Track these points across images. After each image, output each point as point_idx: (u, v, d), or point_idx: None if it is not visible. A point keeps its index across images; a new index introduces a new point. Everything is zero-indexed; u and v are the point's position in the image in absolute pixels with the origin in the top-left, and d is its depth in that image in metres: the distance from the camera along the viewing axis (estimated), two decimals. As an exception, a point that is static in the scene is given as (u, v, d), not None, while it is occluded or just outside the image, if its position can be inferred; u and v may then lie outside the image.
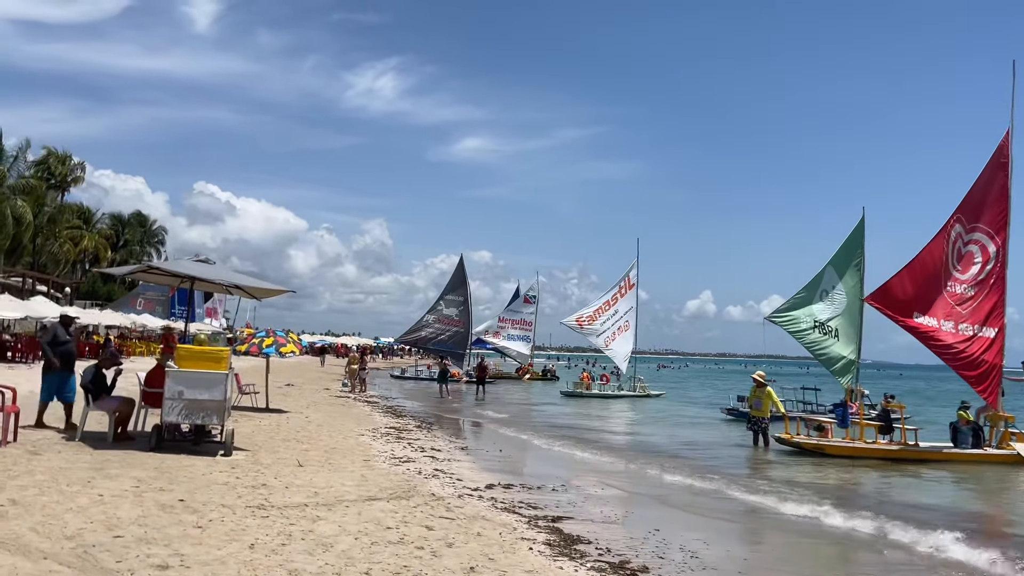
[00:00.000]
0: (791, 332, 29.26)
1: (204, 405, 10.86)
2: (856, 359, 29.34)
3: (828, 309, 29.64)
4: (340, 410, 21.76)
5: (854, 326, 29.55)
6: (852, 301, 29.65)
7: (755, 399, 18.86)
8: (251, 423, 15.79)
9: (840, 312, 29.66)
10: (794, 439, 18.36)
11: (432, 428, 18.60)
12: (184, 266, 11.78)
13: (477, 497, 9.74)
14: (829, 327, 29.57)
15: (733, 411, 27.09)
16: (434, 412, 25.38)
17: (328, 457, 12.02)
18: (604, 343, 42.81)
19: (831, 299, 29.70)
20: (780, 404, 19.60)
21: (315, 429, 15.96)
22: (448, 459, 13.18)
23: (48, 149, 62.25)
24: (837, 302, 29.84)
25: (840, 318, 29.59)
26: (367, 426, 17.70)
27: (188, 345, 11.38)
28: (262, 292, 12.60)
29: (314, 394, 27.36)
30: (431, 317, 51.81)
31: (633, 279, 44.08)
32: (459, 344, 51.56)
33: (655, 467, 14.70)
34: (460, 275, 52.17)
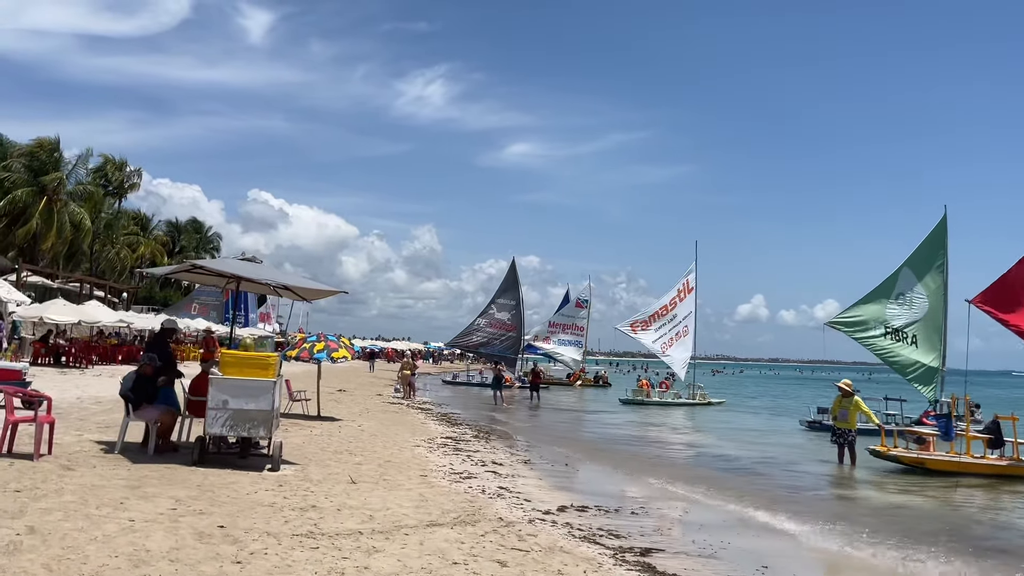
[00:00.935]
0: (857, 339, 27.48)
1: (250, 416, 9.99)
2: (940, 367, 27.50)
3: (905, 314, 27.77)
4: (393, 417, 20.88)
5: (937, 332, 27.63)
6: (935, 305, 27.74)
7: (841, 409, 17.29)
8: (302, 432, 14.95)
9: (920, 317, 27.75)
10: (891, 452, 16.78)
11: (490, 438, 17.56)
12: (230, 265, 10.94)
13: (551, 523, 8.64)
14: (905, 333, 27.69)
15: (815, 423, 25.17)
16: (490, 420, 24.34)
17: (383, 472, 11.06)
18: (660, 349, 41.33)
19: (909, 303, 27.81)
20: (872, 414, 18.02)
21: (368, 439, 15.05)
22: (511, 474, 12.11)
23: (105, 156, 63.12)
24: (916, 306, 27.93)
25: (920, 324, 27.68)
26: (422, 436, 16.75)
27: (234, 351, 10.51)
28: (312, 293, 11.73)
29: (366, 400, 26.58)
30: (482, 321, 51.00)
31: (692, 283, 42.55)
32: (511, 349, 50.62)
33: (740, 486, 13.44)
34: (512, 279, 51.26)
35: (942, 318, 27.64)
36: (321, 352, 18.00)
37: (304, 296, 11.95)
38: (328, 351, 18.02)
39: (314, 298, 12.31)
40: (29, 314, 28.38)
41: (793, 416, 34.08)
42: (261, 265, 11.33)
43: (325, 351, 18.01)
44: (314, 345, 18.21)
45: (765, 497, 12.28)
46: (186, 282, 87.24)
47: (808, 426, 25.36)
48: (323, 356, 17.96)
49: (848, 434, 17.07)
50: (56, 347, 29.14)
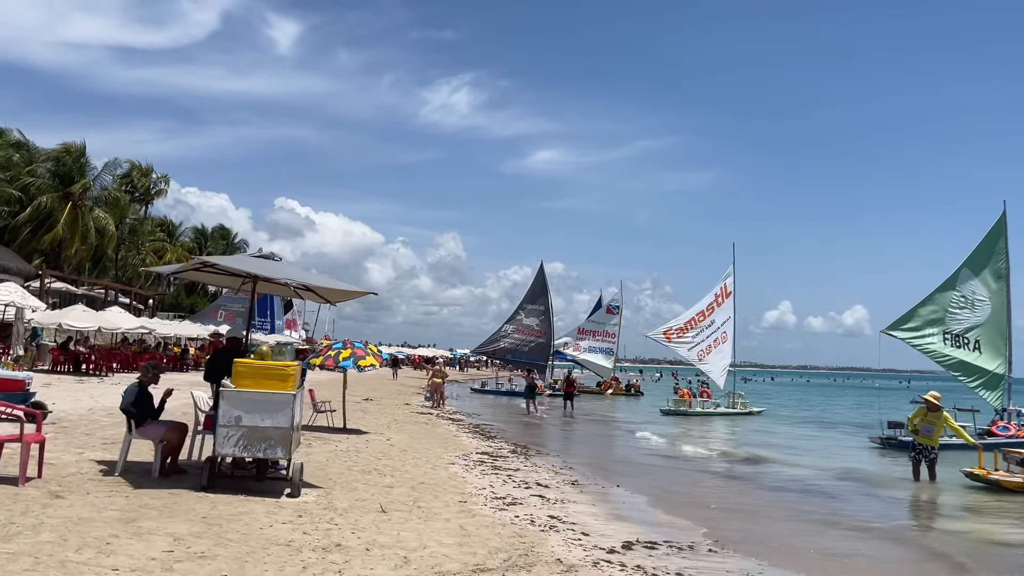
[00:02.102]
0: (915, 346, 25.72)
1: (266, 434, 8.73)
2: (1006, 373, 25.72)
3: (967, 318, 25.95)
4: (424, 430, 19.60)
5: (1002, 335, 25.84)
6: (998, 307, 25.94)
7: (925, 424, 15.58)
8: (326, 448, 13.70)
9: (982, 321, 25.93)
10: (992, 476, 14.90)
11: (529, 454, 16.19)
12: (245, 263, 9.72)
13: (619, 566, 7.25)
14: (967, 338, 25.87)
15: (890, 440, 23.15)
16: (525, 433, 22.98)
17: (417, 497, 9.74)
18: (697, 356, 39.66)
19: (970, 306, 25.99)
20: (964, 432, 16.35)
21: (398, 455, 13.77)
22: (561, 499, 10.73)
23: (132, 162, 62.75)
24: (978, 309, 26.10)
25: (983, 328, 25.86)
26: (456, 451, 15.44)
27: (248, 359, 9.26)
28: (336, 294, 10.48)
29: (394, 410, 25.35)
30: (510, 327, 49.68)
31: (730, 287, 40.90)
32: (539, 355, 49.21)
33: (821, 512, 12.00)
34: (541, 284, 49.91)
35: (1006, 321, 25.90)
36: (347, 360, 16.76)
37: (328, 298, 10.71)
38: (355, 358, 16.78)
39: (338, 300, 11.06)
40: (48, 320, 27.50)
41: (843, 428, 32.49)
42: (281, 263, 10.05)
43: (351, 359, 16.77)
44: (340, 352, 16.98)
45: (855, 526, 10.82)
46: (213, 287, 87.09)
47: (882, 443, 23.46)
48: (349, 364, 16.72)
49: (930, 451, 15.42)
50: (75, 354, 28.24)
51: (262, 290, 11.10)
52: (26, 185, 44.61)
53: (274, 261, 10.02)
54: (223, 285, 12.70)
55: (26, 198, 44.52)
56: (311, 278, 10.11)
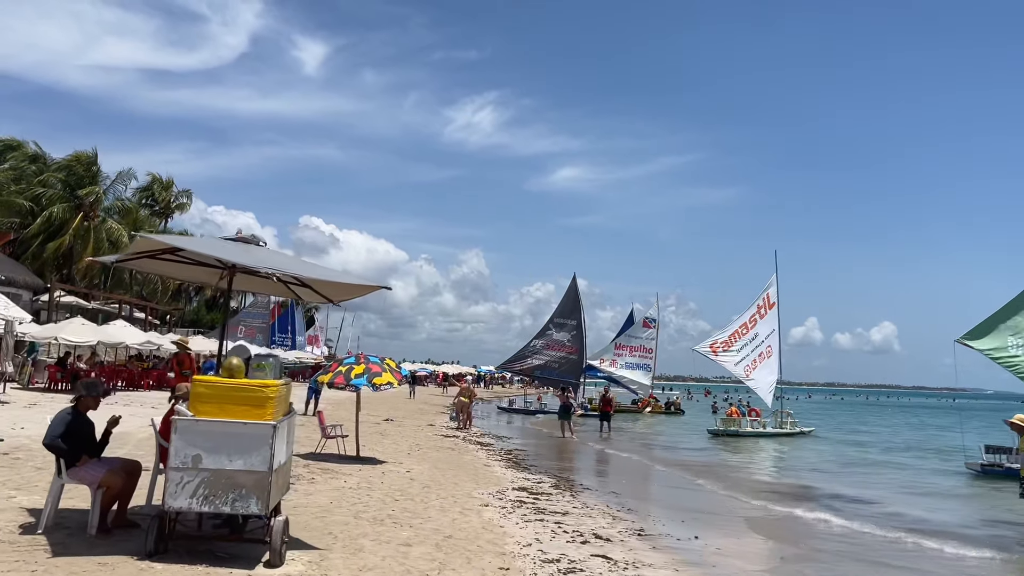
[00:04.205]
0: (995, 359, 22.77)
1: (235, 480, 6.31)
2: (1104, 392, 22.70)
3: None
4: (450, 457, 17.11)
5: (1099, 349, 22.92)
6: (1093, 318, 23.04)
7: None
8: (332, 485, 11.27)
9: (1075, 332, 23.07)
10: None
11: (575, 489, 13.63)
12: (216, 247, 7.32)
13: None
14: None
15: (992, 467, 20.32)
16: (564, 460, 20.44)
17: (443, 561, 7.26)
18: (744, 372, 36.82)
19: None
20: None
21: (420, 494, 11.29)
22: (632, 561, 8.18)
23: (152, 175, 61.39)
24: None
25: (1076, 339, 23.00)
26: (489, 485, 12.93)
27: (210, 376, 6.86)
28: (337, 289, 8.06)
29: (416, 432, 22.89)
30: (539, 343, 47.07)
31: (773, 297, 38.06)
32: (571, 372, 46.53)
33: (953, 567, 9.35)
34: (573, 297, 47.29)
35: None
36: (360, 377, 14.33)
37: (328, 295, 8.28)
38: (369, 375, 14.34)
39: (342, 297, 8.63)
40: (44, 334, 25.41)
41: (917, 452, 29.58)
42: (265, 250, 7.66)
43: (365, 376, 14.33)
44: (352, 368, 14.55)
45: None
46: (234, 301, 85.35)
47: (981, 470, 20.60)
48: (363, 382, 14.29)
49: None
50: (74, 370, 26.13)
51: (243, 286, 8.72)
52: (37, 196, 42.96)
53: (257, 247, 7.63)
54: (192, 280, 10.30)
55: (37, 208, 42.88)
56: (303, 268, 7.68)
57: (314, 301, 9.12)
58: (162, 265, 7.82)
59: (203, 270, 7.94)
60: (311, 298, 8.97)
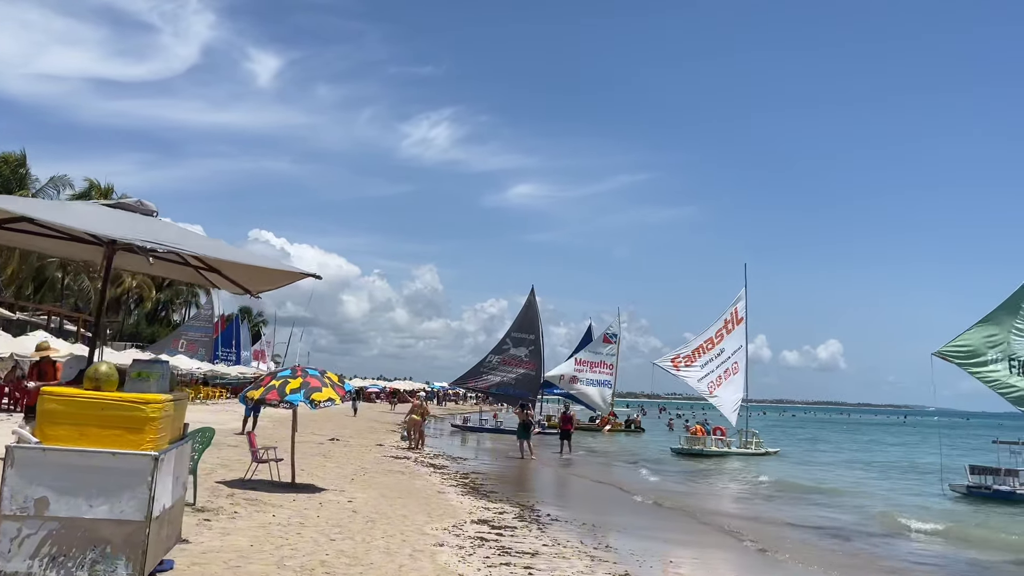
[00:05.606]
0: (973, 373, 21.84)
1: (96, 534, 4.58)
2: (1084, 409, 21.93)
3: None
4: (399, 483, 15.33)
5: (1081, 365, 22.16)
6: (1075, 331, 22.30)
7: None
8: (256, 521, 9.44)
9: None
10: None
11: (543, 522, 11.96)
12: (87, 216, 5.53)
13: None
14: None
15: (978, 489, 19.28)
16: (527, 484, 18.81)
17: (385, 631, 5.56)
18: (707, 388, 35.63)
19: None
20: None
21: (362, 529, 9.54)
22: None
23: (91, 181, 58.30)
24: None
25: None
26: (444, 518, 11.20)
27: (66, 388, 5.09)
28: (254, 276, 6.35)
29: (363, 453, 21.02)
30: (496, 358, 45.36)
31: (741, 312, 37.05)
32: (528, 388, 44.91)
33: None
34: (531, 311, 45.73)
35: (1086, 349, 22.19)
36: (296, 393, 12.50)
37: (243, 284, 6.55)
38: (307, 391, 12.53)
39: (262, 287, 6.89)
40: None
41: (894, 471, 28.68)
42: (158, 221, 5.91)
43: (302, 391, 12.52)
44: (287, 383, 12.71)
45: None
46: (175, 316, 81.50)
47: (967, 492, 19.54)
48: (299, 398, 12.47)
49: None
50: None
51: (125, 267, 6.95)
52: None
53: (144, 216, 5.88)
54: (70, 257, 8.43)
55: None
56: (209, 248, 5.93)
57: (229, 290, 7.36)
58: (29, 239, 6.02)
59: (83, 246, 6.13)
60: (226, 286, 7.24)
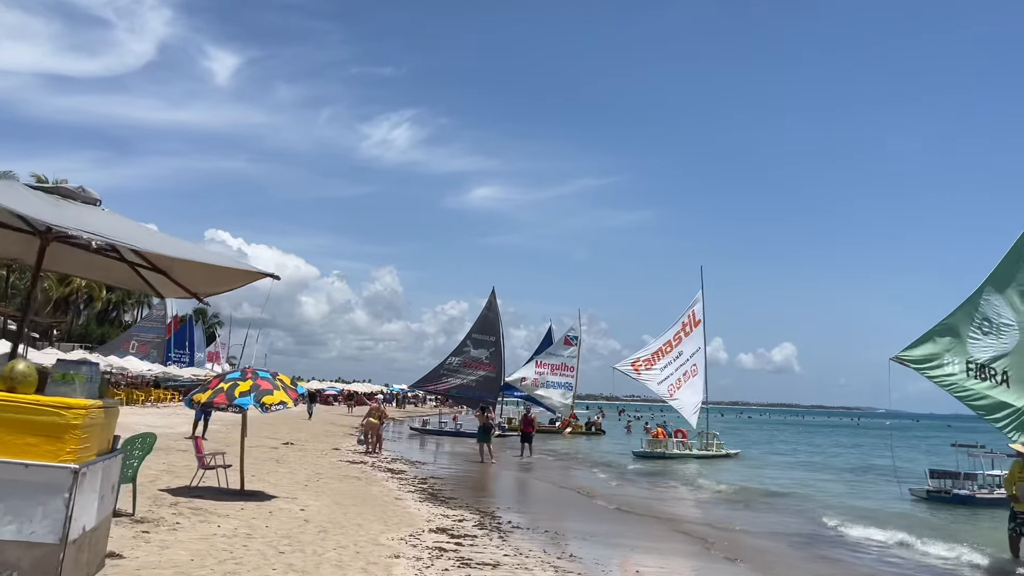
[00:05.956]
0: (931, 377, 21.95)
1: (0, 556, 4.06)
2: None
3: (992, 345, 22.33)
4: (355, 488, 14.81)
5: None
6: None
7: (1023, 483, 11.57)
8: (200, 532, 8.89)
9: (1010, 349, 22.36)
10: None
11: (504, 530, 11.56)
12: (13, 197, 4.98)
13: None
14: (994, 369, 22.22)
15: (939, 493, 19.34)
16: (487, 489, 18.41)
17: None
18: (668, 391, 35.60)
19: (996, 331, 22.45)
20: None
21: (313, 540, 9.04)
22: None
23: (37, 176, 56.45)
24: (1005, 336, 22.59)
25: (1011, 357, 22.23)
26: (401, 527, 10.74)
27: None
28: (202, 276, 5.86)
29: (318, 458, 20.42)
30: (456, 360, 44.90)
31: (699, 314, 37.12)
32: (488, 390, 44.53)
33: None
34: (491, 313, 45.36)
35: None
36: (246, 396, 11.93)
37: (190, 287, 6.05)
38: (257, 394, 11.97)
39: (211, 290, 6.38)
40: None
41: (851, 473, 28.89)
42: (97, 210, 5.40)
43: (252, 394, 11.95)
44: (236, 385, 12.14)
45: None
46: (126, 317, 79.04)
47: (927, 496, 19.62)
48: (249, 402, 11.90)
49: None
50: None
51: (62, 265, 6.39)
52: None
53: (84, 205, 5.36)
54: None
55: None
56: (154, 242, 5.43)
57: (176, 295, 6.84)
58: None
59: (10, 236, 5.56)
60: (172, 292, 6.72)
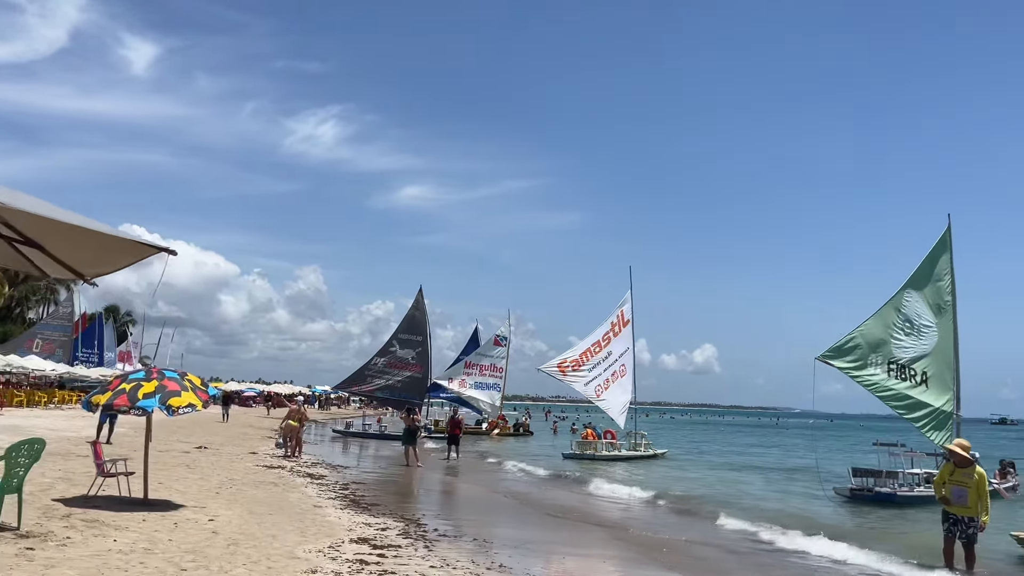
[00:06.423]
0: (854, 377, 22.28)
1: None
2: (954, 411, 22.74)
3: (912, 346, 22.79)
4: (271, 496, 13.89)
5: (949, 367, 22.86)
6: (945, 337, 23.04)
7: (957, 485, 11.27)
8: (93, 548, 7.97)
9: (929, 350, 22.93)
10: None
11: (430, 538, 10.89)
12: None
13: None
14: (914, 370, 22.74)
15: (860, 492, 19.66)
16: (412, 495, 17.71)
17: None
18: (595, 392, 35.41)
19: (916, 332, 22.94)
20: (988, 500, 11.83)
21: (221, 555, 8.22)
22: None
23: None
24: (925, 337, 23.11)
25: (930, 358, 22.78)
26: (320, 538, 9.96)
27: None
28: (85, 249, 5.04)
29: (233, 463, 19.33)
30: (382, 361, 43.85)
31: (628, 314, 37.10)
32: (415, 392, 43.64)
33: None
34: (419, 312, 44.46)
35: (953, 351, 23.05)
36: (151, 397, 10.94)
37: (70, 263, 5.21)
38: (163, 395, 11.00)
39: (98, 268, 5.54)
40: None
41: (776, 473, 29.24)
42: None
43: (157, 395, 10.97)
44: (139, 386, 11.13)
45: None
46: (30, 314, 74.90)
47: (851, 494, 19.86)
48: (154, 403, 10.92)
49: (970, 524, 11.19)
50: None
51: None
52: None
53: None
54: None
55: None
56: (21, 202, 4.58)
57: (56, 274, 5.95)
58: None
59: None
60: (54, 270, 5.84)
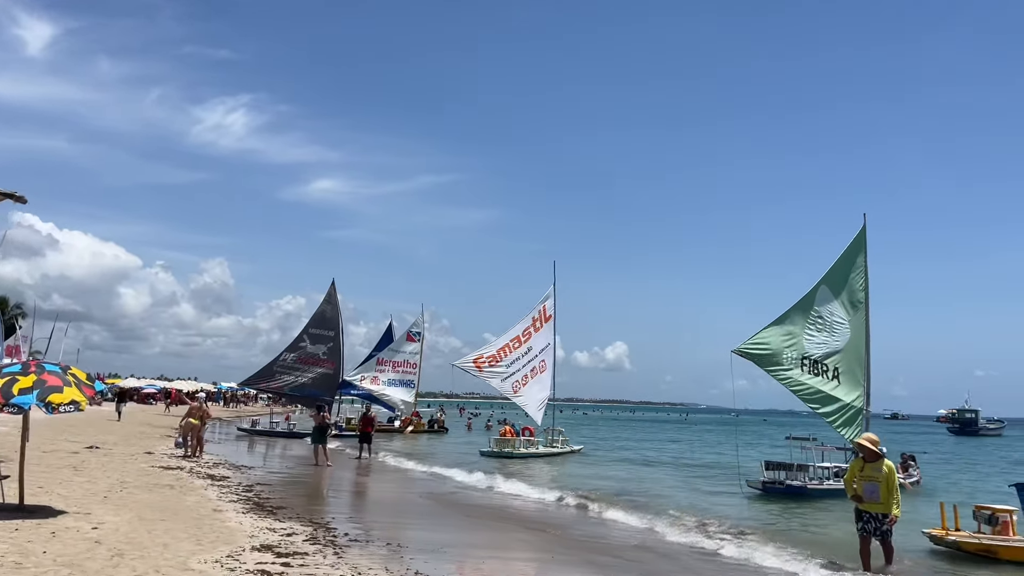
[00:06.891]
0: (769, 371, 22.52)
1: None
2: (864, 407, 23.27)
3: (825, 342, 23.19)
4: (166, 500, 12.81)
5: (860, 364, 23.38)
6: (857, 332, 23.56)
7: (867, 481, 11.02)
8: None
9: (841, 347, 23.39)
10: (951, 537, 11.61)
11: (340, 543, 10.13)
12: None
13: None
14: (826, 365, 23.14)
15: (772, 485, 19.93)
16: (321, 496, 16.81)
17: None
18: (512, 388, 35.03)
19: (829, 329, 23.40)
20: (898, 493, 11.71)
21: (102, 569, 7.32)
22: None
23: None
24: (837, 333, 23.54)
25: (842, 355, 23.26)
26: (218, 547, 9.08)
27: None
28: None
29: (126, 463, 18.00)
30: (291, 356, 42.29)
31: (550, 310, 36.82)
32: (325, 388, 42.29)
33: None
34: (331, 306, 43.08)
35: (864, 348, 23.60)
36: (28, 393, 9.80)
37: None
38: (42, 391, 9.86)
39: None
40: None
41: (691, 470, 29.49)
42: None
43: (35, 391, 9.83)
44: (14, 381, 9.96)
45: None
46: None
47: (763, 487, 20.10)
48: (31, 400, 9.77)
49: (883, 521, 11.01)
50: None
51: None
52: None
53: None
54: None
55: None
56: None
57: None
58: None
59: None
60: None
